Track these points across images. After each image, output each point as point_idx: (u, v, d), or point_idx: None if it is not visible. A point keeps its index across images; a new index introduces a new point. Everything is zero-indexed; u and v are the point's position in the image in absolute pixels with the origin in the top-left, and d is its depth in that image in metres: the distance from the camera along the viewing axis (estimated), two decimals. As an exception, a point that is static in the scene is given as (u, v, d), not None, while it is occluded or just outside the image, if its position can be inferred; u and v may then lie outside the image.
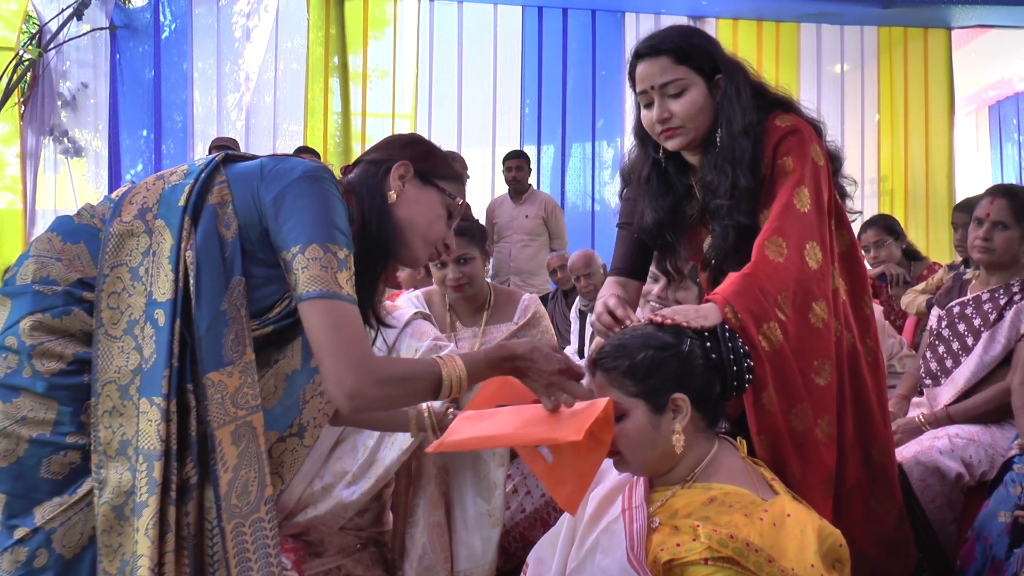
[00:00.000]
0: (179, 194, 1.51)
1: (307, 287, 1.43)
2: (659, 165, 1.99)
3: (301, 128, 6.67)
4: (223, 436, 1.44)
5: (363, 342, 1.46)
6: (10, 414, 1.42)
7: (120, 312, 1.47)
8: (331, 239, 1.46)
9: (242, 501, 1.46)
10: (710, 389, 1.61)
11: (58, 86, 6.35)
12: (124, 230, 1.51)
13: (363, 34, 6.76)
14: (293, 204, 1.47)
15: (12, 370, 1.44)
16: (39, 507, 1.42)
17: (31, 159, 6.32)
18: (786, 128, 1.86)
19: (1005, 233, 2.69)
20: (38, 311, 1.45)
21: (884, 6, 6.83)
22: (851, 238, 2.00)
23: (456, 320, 3.04)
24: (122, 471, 1.42)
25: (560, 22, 7.02)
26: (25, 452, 1.42)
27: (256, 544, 1.46)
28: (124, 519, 1.41)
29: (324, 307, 1.43)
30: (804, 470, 1.72)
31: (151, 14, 6.44)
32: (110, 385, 1.44)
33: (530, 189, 6.34)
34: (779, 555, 1.41)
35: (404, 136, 1.84)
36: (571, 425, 1.52)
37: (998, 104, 9.04)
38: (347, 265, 1.47)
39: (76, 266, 1.50)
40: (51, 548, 1.41)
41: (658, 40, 1.89)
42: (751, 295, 1.68)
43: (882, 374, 1.97)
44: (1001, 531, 2.09)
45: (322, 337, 1.42)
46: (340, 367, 1.41)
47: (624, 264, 2.11)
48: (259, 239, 1.51)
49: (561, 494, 1.68)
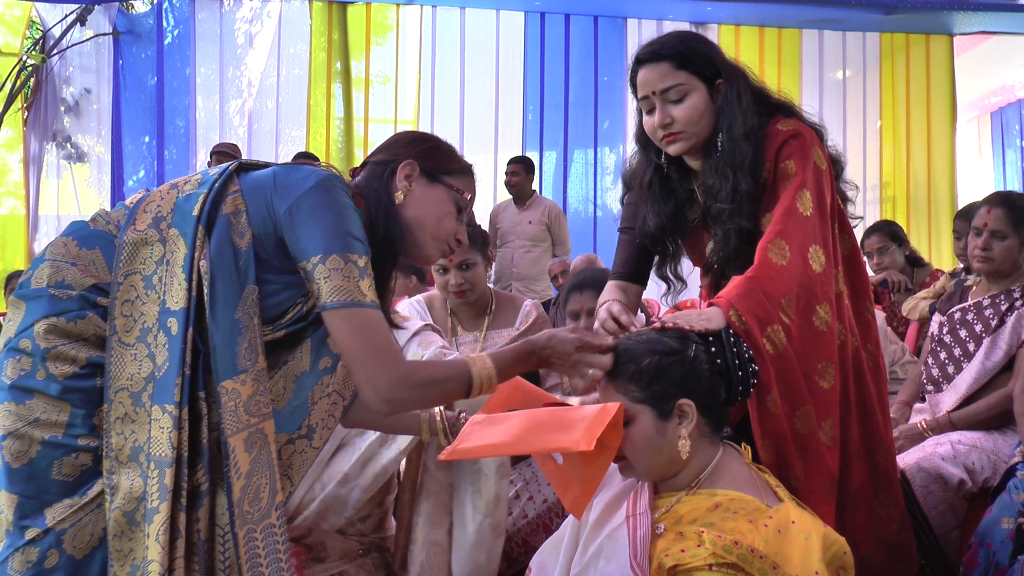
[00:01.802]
0: (193, 204, 1.52)
1: (330, 297, 1.45)
2: (661, 170, 2.00)
3: (303, 134, 6.69)
4: (236, 443, 1.46)
5: (391, 346, 1.50)
6: (23, 416, 1.43)
7: (133, 320, 1.48)
8: (349, 248, 1.48)
9: (254, 507, 1.47)
10: (715, 394, 1.61)
11: (61, 91, 6.37)
12: (138, 239, 1.52)
13: (365, 40, 6.77)
14: (309, 215, 1.49)
15: (26, 372, 1.45)
16: (50, 508, 1.43)
17: (34, 164, 6.34)
18: (788, 132, 1.87)
19: (1004, 242, 2.69)
20: (53, 315, 1.47)
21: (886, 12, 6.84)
22: (853, 243, 2.00)
23: (457, 325, 3.04)
24: (133, 477, 1.43)
25: (562, 28, 7.02)
26: (37, 453, 1.43)
27: (268, 550, 1.47)
28: (135, 524, 1.43)
29: (349, 316, 1.46)
30: (807, 473, 1.72)
31: (154, 20, 6.46)
32: (123, 392, 1.46)
33: (533, 195, 6.36)
34: (783, 562, 1.41)
35: (409, 134, 1.84)
36: (581, 432, 1.53)
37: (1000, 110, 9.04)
38: (367, 272, 1.49)
39: (91, 271, 1.51)
40: (62, 549, 1.42)
41: (659, 46, 1.90)
42: (755, 298, 1.68)
43: (883, 378, 1.97)
44: (1004, 537, 2.09)
45: (350, 345, 1.46)
46: (373, 373, 1.45)
47: (625, 268, 2.12)
48: (275, 248, 1.53)
49: (568, 497, 1.69)
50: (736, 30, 7.19)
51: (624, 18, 7.04)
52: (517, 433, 1.61)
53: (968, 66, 7.77)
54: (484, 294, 3.02)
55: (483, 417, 1.70)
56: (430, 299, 3.09)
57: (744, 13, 7.04)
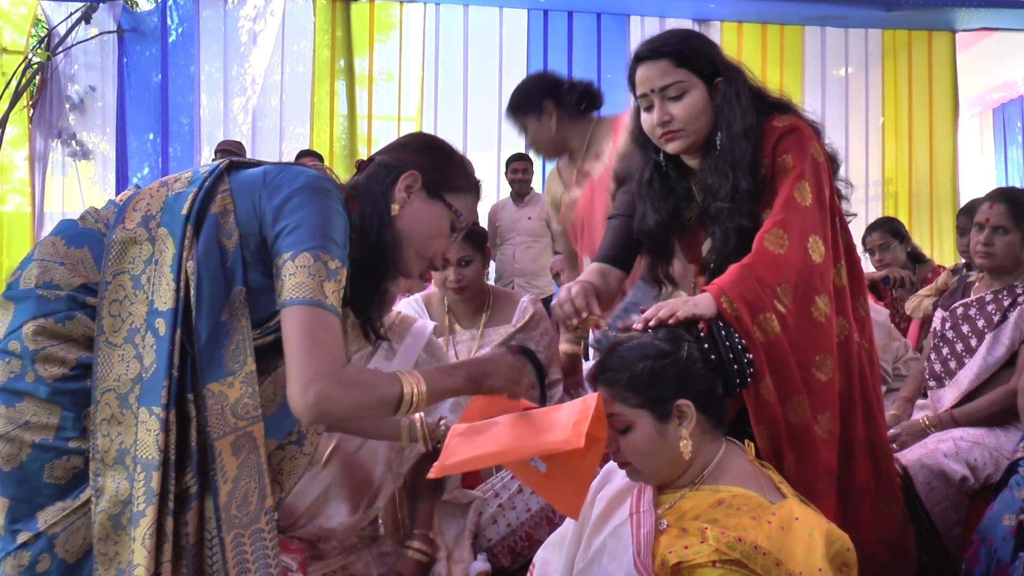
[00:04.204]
0: (182, 202, 1.49)
1: (291, 294, 1.40)
2: (660, 168, 1.99)
3: (307, 131, 6.68)
4: (223, 447, 1.43)
5: (338, 352, 1.42)
6: (13, 419, 1.41)
7: (121, 320, 1.46)
8: (324, 249, 1.43)
9: (242, 512, 1.45)
10: (713, 390, 1.62)
11: (66, 89, 6.37)
12: (127, 237, 1.49)
13: (369, 37, 6.76)
14: (292, 212, 1.45)
15: (15, 375, 1.43)
16: (42, 512, 1.41)
17: (39, 162, 6.34)
18: (784, 127, 1.87)
19: (1006, 238, 2.70)
20: (41, 316, 1.44)
21: (888, 9, 6.82)
22: (849, 239, 1.99)
23: (455, 323, 3.06)
24: (119, 480, 1.41)
25: (565, 25, 7.00)
26: (28, 457, 1.41)
27: (256, 555, 1.45)
28: (121, 528, 1.40)
29: (304, 312, 1.40)
30: (799, 465, 1.72)
31: (158, 18, 6.45)
32: (109, 393, 1.43)
33: (532, 191, 6.36)
34: (787, 558, 1.42)
35: (421, 139, 1.78)
36: (569, 430, 1.51)
37: (1002, 107, 9.01)
38: (337, 277, 1.44)
39: (79, 271, 1.49)
40: (54, 553, 1.40)
41: (658, 43, 1.90)
42: (748, 285, 1.68)
43: (877, 375, 1.97)
44: (1006, 534, 2.09)
45: (295, 340, 1.39)
46: (308, 367, 1.37)
47: (610, 252, 2.08)
48: (257, 248, 1.49)
49: (560, 500, 1.68)
50: (739, 27, 7.17)
51: (627, 15, 7.01)
52: (503, 441, 1.59)
53: (970, 62, 7.74)
54: (481, 291, 3.03)
55: (464, 427, 1.66)
56: (428, 297, 3.12)
57: (747, 10, 7.02)
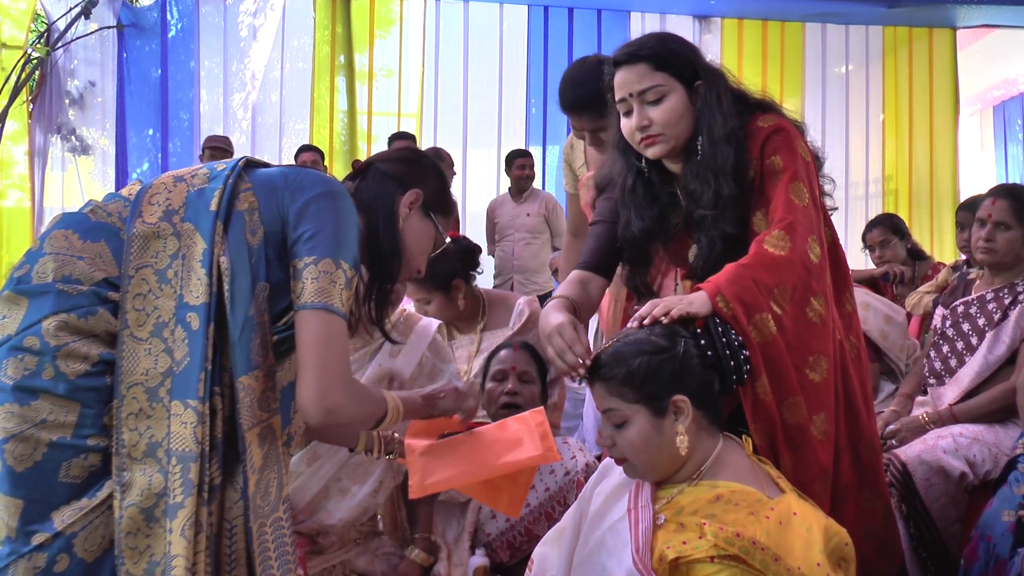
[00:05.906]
0: (208, 198, 1.51)
1: (312, 297, 1.47)
2: (643, 174, 1.96)
3: (307, 127, 6.69)
4: (252, 438, 1.45)
5: (348, 362, 1.54)
6: (28, 417, 1.38)
7: (146, 314, 1.45)
8: (343, 256, 1.50)
9: (264, 502, 1.48)
10: (709, 387, 1.61)
11: (66, 84, 6.38)
12: (149, 231, 1.49)
13: (369, 33, 6.77)
14: (314, 217, 1.51)
15: (30, 372, 1.39)
16: (57, 512, 1.38)
17: (39, 157, 6.35)
18: (770, 128, 1.85)
19: (1007, 234, 2.69)
20: (63, 311, 1.41)
21: (889, 6, 6.82)
22: (833, 234, 1.97)
23: (453, 330, 3.07)
24: (151, 473, 1.40)
25: (566, 21, 7.01)
26: (43, 456, 1.38)
27: (276, 543, 1.48)
28: (154, 521, 1.40)
29: (324, 319, 1.47)
30: (796, 465, 1.71)
31: (158, 13, 6.47)
32: (136, 387, 1.42)
33: (531, 187, 6.37)
34: (785, 554, 1.42)
35: (429, 161, 1.90)
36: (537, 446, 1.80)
37: (1003, 104, 9.03)
38: (350, 285, 1.51)
39: (99, 265, 1.47)
40: (72, 552, 1.37)
41: (636, 47, 1.87)
42: (744, 285, 1.66)
43: (865, 370, 1.95)
44: (1005, 530, 2.09)
45: (315, 346, 1.47)
46: (325, 378, 1.47)
47: (593, 259, 2.05)
48: (278, 247, 1.53)
49: (501, 502, 1.90)
50: (739, 24, 7.17)
51: (627, 11, 7.02)
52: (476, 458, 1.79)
53: (971, 60, 7.75)
54: (475, 297, 3.05)
55: (424, 445, 1.86)
56: None
57: (747, 7, 7.03)
